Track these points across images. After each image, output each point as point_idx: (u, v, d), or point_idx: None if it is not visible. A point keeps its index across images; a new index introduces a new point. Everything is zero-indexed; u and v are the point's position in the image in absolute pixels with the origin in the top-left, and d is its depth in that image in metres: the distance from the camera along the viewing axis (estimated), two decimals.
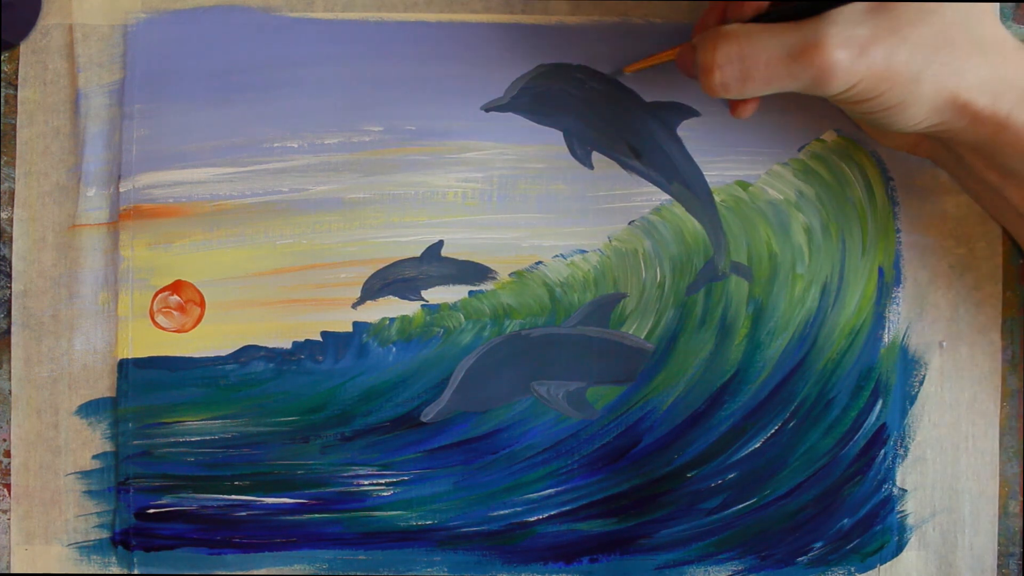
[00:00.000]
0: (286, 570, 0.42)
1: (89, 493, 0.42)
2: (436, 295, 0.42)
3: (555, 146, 0.42)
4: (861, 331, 0.42)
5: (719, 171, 0.42)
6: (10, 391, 0.42)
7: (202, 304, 0.42)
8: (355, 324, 0.42)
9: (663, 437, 0.42)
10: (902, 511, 0.42)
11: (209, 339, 0.42)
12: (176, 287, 0.42)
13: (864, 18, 0.32)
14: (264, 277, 0.42)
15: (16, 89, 0.42)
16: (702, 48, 0.35)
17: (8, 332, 0.42)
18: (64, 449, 0.42)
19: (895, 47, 0.32)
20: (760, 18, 0.35)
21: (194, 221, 0.42)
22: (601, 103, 0.42)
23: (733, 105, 0.39)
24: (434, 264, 0.42)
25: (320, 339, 0.42)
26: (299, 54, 0.42)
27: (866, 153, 0.42)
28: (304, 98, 0.42)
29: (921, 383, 0.42)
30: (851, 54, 0.32)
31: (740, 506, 0.42)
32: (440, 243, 0.42)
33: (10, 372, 0.42)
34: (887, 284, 0.42)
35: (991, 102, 0.33)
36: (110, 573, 0.42)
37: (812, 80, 0.33)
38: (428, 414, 0.42)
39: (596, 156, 0.42)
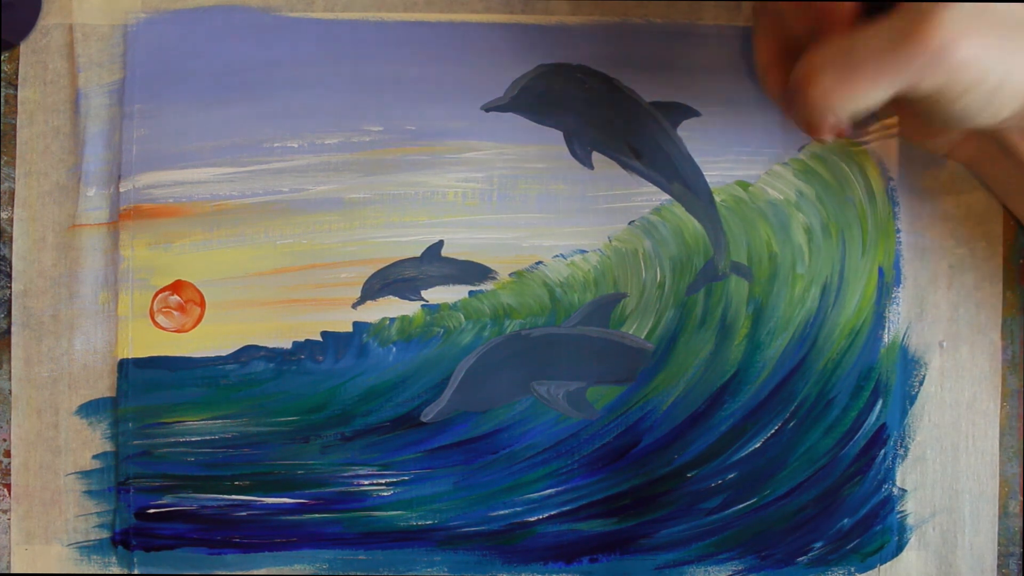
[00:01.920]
0: (286, 570, 0.42)
1: (89, 493, 0.42)
2: (436, 295, 0.42)
3: (555, 146, 0.42)
4: (861, 331, 0.42)
5: (719, 171, 0.42)
6: (10, 391, 0.42)
7: (202, 304, 0.42)
8: (355, 324, 0.42)
9: (663, 437, 0.42)
10: (902, 511, 0.42)
11: (209, 339, 0.42)
12: (176, 287, 0.42)
13: None
14: (264, 277, 0.42)
15: (16, 89, 0.42)
16: (800, 63, 0.32)
17: (8, 332, 0.42)
18: (64, 449, 0.42)
19: (992, 23, 0.30)
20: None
21: (194, 221, 0.42)
22: (601, 103, 0.42)
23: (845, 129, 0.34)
24: (434, 264, 0.42)
25: (320, 339, 0.42)
26: (299, 54, 0.42)
27: (866, 153, 0.42)
28: (304, 98, 0.42)
29: (921, 383, 0.42)
30: (963, 29, 0.29)
31: (740, 506, 0.42)
32: (440, 243, 0.42)
33: (10, 372, 0.42)
34: (887, 284, 0.42)
35: None
36: (110, 573, 0.42)
37: (926, 62, 0.30)
38: (428, 414, 0.42)
39: (596, 156, 0.42)
